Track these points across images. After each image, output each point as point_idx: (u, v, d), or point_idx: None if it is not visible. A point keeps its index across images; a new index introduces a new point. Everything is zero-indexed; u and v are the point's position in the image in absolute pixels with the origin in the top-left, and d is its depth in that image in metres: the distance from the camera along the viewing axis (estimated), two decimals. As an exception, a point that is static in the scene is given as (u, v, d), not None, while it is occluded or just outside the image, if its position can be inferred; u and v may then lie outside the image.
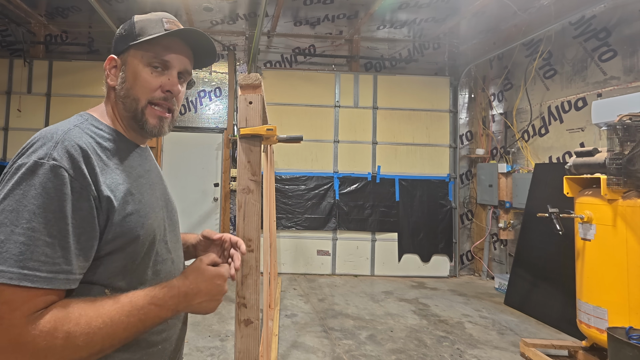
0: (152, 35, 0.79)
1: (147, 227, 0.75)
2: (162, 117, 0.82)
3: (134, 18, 0.84)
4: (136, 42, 0.80)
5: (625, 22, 3.80)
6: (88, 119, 0.78)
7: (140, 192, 0.78)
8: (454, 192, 5.73)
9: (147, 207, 0.77)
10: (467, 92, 6.04)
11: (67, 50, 5.84)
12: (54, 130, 0.69)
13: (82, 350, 0.61)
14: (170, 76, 0.81)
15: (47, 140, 0.67)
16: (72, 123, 0.74)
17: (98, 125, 0.78)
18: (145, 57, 0.80)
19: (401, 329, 3.62)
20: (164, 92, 0.81)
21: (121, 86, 0.81)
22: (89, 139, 0.72)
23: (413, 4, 5.10)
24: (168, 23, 0.82)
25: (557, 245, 3.83)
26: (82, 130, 0.73)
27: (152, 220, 0.78)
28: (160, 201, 0.86)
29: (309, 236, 5.57)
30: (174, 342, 0.85)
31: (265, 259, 2.74)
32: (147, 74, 0.80)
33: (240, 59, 5.89)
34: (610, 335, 2.30)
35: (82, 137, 0.71)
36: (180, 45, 0.83)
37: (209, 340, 3.24)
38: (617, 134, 2.56)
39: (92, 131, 0.75)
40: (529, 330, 3.67)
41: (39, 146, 0.66)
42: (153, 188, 0.84)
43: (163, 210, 0.86)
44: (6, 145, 5.50)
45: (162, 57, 0.80)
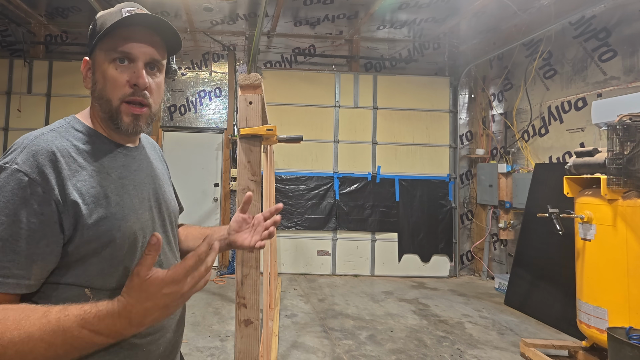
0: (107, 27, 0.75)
1: (125, 230, 0.73)
2: (136, 115, 0.78)
3: (97, 14, 0.81)
4: (96, 38, 0.76)
5: (625, 22, 3.80)
6: (70, 122, 0.78)
7: (120, 194, 0.75)
8: (454, 192, 5.73)
9: (126, 209, 0.75)
10: (467, 92, 6.04)
11: (67, 51, 5.84)
12: (28, 135, 0.70)
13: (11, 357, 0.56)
14: (135, 68, 0.76)
15: (18, 146, 0.68)
16: (50, 127, 0.75)
17: (78, 128, 0.77)
18: (108, 53, 0.76)
19: (401, 329, 3.62)
20: (131, 86, 0.76)
21: (94, 87, 0.79)
22: (65, 141, 0.71)
23: (413, 4, 5.09)
24: (128, 12, 0.76)
25: (557, 245, 3.83)
26: (59, 133, 0.72)
27: (132, 223, 0.75)
28: (148, 202, 0.83)
29: (309, 236, 5.57)
30: (163, 345, 0.81)
31: (265, 259, 2.74)
32: (113, 71, 0.76)
33: (240, 59, 5.89)
34: (610, 335, 2.30)
35: (55, 140, 0.70)
36: (142, 34, 0.77)
37: (209, 341, 3.24)
38: (617, 134, 2.56)
39: (70, 134, 0.74)
40: (529, 330, 3.67)
41: (11, 151, 0.67)
42: (139, 189, 0.81)
43: (150, 211, 0.83)
44: (6, 145, 5.50)
45: (122, 48, 0.75)
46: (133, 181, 0.81)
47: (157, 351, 0.79)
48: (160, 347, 0.80)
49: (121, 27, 0.75)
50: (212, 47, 5.86)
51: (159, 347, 0.80)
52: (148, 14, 0.77)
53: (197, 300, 4.21)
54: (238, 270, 1.18)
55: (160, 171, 0.93)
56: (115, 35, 0.75)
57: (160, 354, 0.80)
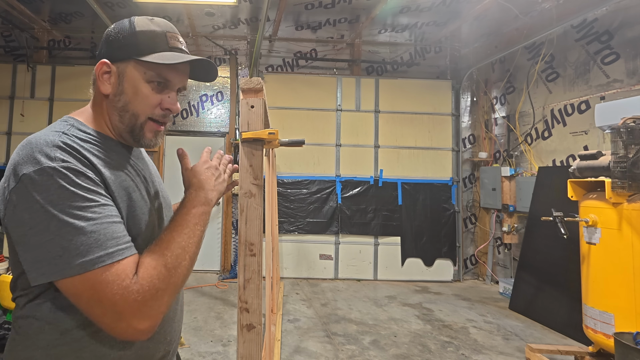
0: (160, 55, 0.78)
1: (148, 224, 0.81)
2: (157, 131, 0.84)
3: (134, 24, 0.81)
4: (144, 59, 0.78)
5: (627, 25, 3.79)
6: (73, 124, 0.78)
7: (136, 191, 0.81)
8: (457, 196, 5.71)
9: (144, 205, 0.82)
10: (469, 96, 6.03)
11: (70, 56, 5.87)
12: (45, 138, 0.70)
13: (181, 266, 0.72)
14: (170, 94, 0.83)
15: (44, 147, 0.68)
16: (59, 128, 0.75)
17: (85, 130, 0.78)
18: (147, 73, 0.79)
19: (405, 334, 3.59)
20: (163, 109, 0.82)
21: (118, 97, 0.80)
22: (80, 142, 0.74)
23: (414, 7, 5.10)
24: (172, 39, 0.82)
25: (561, 249, 3.80)
26: (72, 135, 0.74)
27: (151, 218, 0.83)
28: (155, 197, 0.90)
29: (312, 240, 5.55)
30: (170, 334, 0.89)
31: (267, 264, 2.72)
32: (148, 90, 0.80)
33: (242, 63, 5.91)
34: (617, 340, 2.27)
35: (74, 140, 0.73)
36: (184, 67, 0.84)
37: (211, 346, 3.22)
38: (621, 137, 2.54)
39: (78, 137, 0.75)
40: (534, 335, 3.63)
41: (40, 153, 0.67)
42: (147, 186, 0.88)
43: (159, 206, 0.91)
44: (9, 150, 5.53)
45: (165, 76, 0.81)
46: (142, 179, 0.87)
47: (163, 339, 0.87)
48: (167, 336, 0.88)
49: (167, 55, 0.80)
50: (214, 51, 5.88)
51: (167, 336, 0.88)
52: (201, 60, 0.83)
53: (199, 305, 4.20)
54: (240, 275, 1.16)
55: (155, 169, 1.01)
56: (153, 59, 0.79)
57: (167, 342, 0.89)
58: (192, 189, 0.84)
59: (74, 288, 0.64)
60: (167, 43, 0.80)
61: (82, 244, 0.64)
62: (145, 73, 0.79)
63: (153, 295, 0.67)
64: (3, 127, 5.54)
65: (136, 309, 0.65)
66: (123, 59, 0.79)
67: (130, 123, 0.80)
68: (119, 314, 0.64)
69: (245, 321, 1.15)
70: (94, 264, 0.64)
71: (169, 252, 0.72)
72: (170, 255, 0.71)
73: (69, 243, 0.63)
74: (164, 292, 0.69)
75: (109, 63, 0.79)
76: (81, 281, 0.64)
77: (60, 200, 0.64)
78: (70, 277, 0.63)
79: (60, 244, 0.63)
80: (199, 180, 0.86)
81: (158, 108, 0.81)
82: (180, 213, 0.79)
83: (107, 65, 0.79)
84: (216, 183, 0.89)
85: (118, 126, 0.82)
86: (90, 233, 0.64)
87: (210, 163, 0.91)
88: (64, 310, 0.71)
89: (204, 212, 0.81)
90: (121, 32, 0.80)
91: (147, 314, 0.66)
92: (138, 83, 0.79)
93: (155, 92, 0.81)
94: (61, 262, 0.63)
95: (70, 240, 0.63)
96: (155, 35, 0.80)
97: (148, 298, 0.66)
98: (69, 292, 0.66)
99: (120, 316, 0.65)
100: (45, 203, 0.64)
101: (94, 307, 0.65)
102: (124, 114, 0.80)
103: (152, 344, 0.82)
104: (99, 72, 0.80)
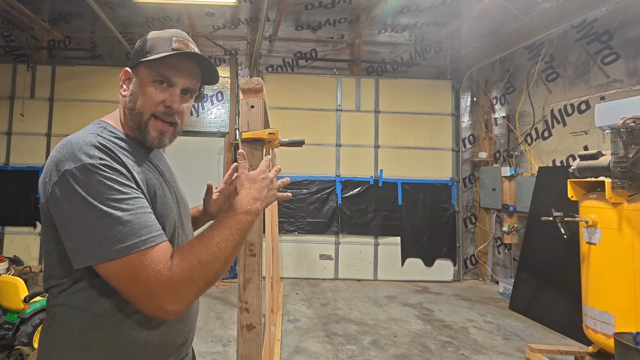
0: (158, 54, 0.86)
1: (171, 220, 0.88)
2: (162, 131, 0.90)
3: (147, 35, 0.91)
4: (145, 59, 0.86)
5: (627, 25, 3.79)
6: (106, 127, 0.87)
7: (161, 189, 0.88)
8: (457, 196, 5.70)
9: (168, 202, 0.89)
10: (469, 96, 6.03)
11: (70, 56, 5.87)
12: (83, 138, 0.78)
13: (214, 265, 0.76)
14: (172, 93, 0.88)
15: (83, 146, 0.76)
16: (92, 130, 0.84)
17: (115, 132, 0.87)
18: (151, 74, 0.87)
19: (405, 334, 3.59)
20: (165, 107, 0.88)
21: (129, 98, 0.89)
22: (111, 143, 0.82)
23: (414, 8, 5.10)
24: (177, 42, 0.88)
25: (562, 249, 3.80)
26: (103, 137, 0.82)
27: (173, 214, 0.90)
28: (174, 196, 0.96)
29: (312, 240, 5.55)
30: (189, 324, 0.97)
31: (267, 264, 2.72)
32: (152, 89, 0.87)
33: (242, 64, 5.91)
34: (617, 340, 2.27)
35: (107, 142, 0.81)
36: (186, 64, 0.90)
37: (211, 346, 3.22)
38: (621, 137, 2.54)
39: (111, 138, 0.83)
40: (534, 335, 3.63)
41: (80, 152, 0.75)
42: (169, 185, 0.95)
43: (176, 204, 0.96)
44: (9, 150, 5.52)
45: (166, 74, 0.87)
46: (165, 178, 0.94)
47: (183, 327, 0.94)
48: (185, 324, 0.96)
49: (168, 56, 0.87)
50: (214, 51, 5.88)
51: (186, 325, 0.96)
52: (194, 53, 0.89)
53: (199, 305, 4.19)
54: (240, 275, 1.16)
55: (173, 170, 1.08)
56: (161, 60, 0.86)
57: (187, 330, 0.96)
58: (245, 195, 0.89)
59: (114, 272, 0.71)
60: (170, 45, 0.87)
61: (119, 232, 0.71)
62: (150, 74, 0.87)
63: (183, 284, 0.73)
64: (3, 127, 5.53)
65: (167, 291, 0.71)
66: (135, 64, 0.89)
67: (137, 120, 0.88)
68: (153, 293, 0.71)
69: (245, 321, 1.15)
70: (131, 250, 0.70)
71: (205, 249, 0.76)
72: (206, 252, 0.76)
73: (108, 231, 0.70)
74: (193, 283, 0.74)
75: (129, 70, 0.91)
76: (120, 265, 0.71)
77: (98, 193, 0.72)
78: (110, 261, 0.70)
79: (99, 232, 0.70)
80: (253, 189, 0.90)
81: (161, 105, 0.88)
82: (227, 215, 0.84)
83: (127, 72, 0.91)
84: (268, 195, 0.92)
85: (130, 125, 0.90)
86: (126, 222, 0.71)
87: (267, 174, 0.94)
88: (96, 299, 0.78)
89: (249, 221, 0.85)
90: (139, 43, 0.91)
91: (175, 298, 0.72)
92: (145, 84, 0.87)
93: (159, 91, 0.87)
94: (101, 249, 0.70)
95: (109, 229, 0.70)
96: (160, 40, 0.89)
97: (178, 285, 0.72)
98: (109, 275, 0.72)
99: (153, 296, 0.71)
100: (86, 195, 0.71)
101: (132, 287, 0.72)
102: (132, 112, 0.88)
103: (173, 331, 0.89)
104: (121, 78, 0.92)
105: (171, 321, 0.88)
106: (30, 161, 5.48)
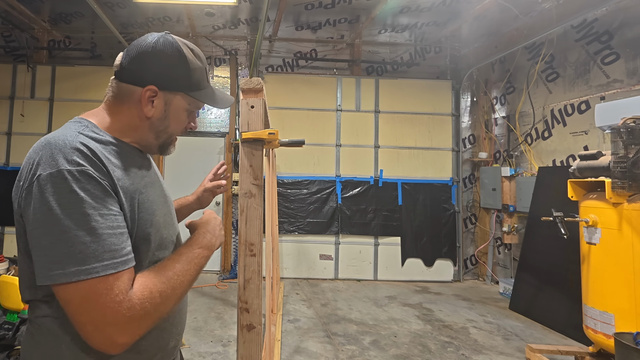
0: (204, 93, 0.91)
1: (155, 223, 0.84)
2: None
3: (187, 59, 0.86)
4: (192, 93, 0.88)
5: (627, 25, 3.79)
6: (88, 126, 0.80)
7: (147, 192, 0.85)
8: (457, 196, 5.70)
9: (154, 205, 0.86)
10: (469, 96, 6.03)
11: (70, 56, 5.87)
12: (64, 139, 0.72)
13: (172, 299, 0.76)
14: (195, 119, 0.96)
15: (63, 149, 0.70)
16: (75, 129, 0.77)
17: (98, 133, 0.80)
18: (192, 105, 0.91)
19: (405, 334, 3.59)
20: (187, 130, 0.96)
21: (161, 121, 0.87)
22: (96, 144, 0.76)
23: (414, 8, 5.10)
24: (208, 73, 0.96)
25: (562, 249, 3.80)
26: (88, 137, 0.77)
27: (159, 217, 0.87)
28: (162, 197, 0.94)
29: (312, 240, 5.55)
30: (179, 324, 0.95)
31: (267, 264, 2.72)
32: (185, 117, 0.91)
33: (242, 64, 5.91)
34: (617, 340, 2.27)
35: (91, 143, 0.75)
36: None
37: (211, 346, 3.22)
38: (621, 137, 2.54)
39: (95, 138, 0.78)
40: (534, 335, 3.63)
41: (59, 154, 0.69)
42: (156, 186, 0.92)
43: (165, 205, 0.94)
44: (9, 150, 5.52)
45: (200, 108, 0.96)
46: (152, 180, 0.91)
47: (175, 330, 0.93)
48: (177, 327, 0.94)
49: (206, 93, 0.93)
50: (214, 51, 5.88)
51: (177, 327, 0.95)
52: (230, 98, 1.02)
53: (199, 305, 4.20)
54: (240, 275, 1.16)
55: (158, 171, 1.05)
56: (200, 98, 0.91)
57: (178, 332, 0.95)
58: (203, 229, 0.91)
59: (65, 294, 0.66)
60: (207, 79, 0.92)
61: (80, 252, 0.65)
62: (190, 104, 0.90)
63: (142, 316, 0.69)
64: (3, 127, 5.54)
65: (123, 323, 0.67)
66: (173, 89, 0.86)
67: (165, 141, 0.92)
68: (105, 324, 0.66)
69: (245, 321, 1.15)
70: (89, 274, 0.65)
71: (168, 281, 0.75)
72: (168, 285, 0.75)
73: (69, 249, 0.65)
74: (150, 316, 0.71)
75: (158, 90, 0.84)
76: (74, 289, 0.65)
77: (69, 204, 0.66)
78: (63, 284, 0.65)
79: (60, 249, 0.65)
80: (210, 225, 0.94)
81: (184, 128, 0.94)
82: (188, 248, 0.85)
83: (155, 91, 0.84)
84: (220, 234, 0.96)
85: (151, 142, 0.90)
86: (89, 243, 0.66)
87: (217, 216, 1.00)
88: None
89: (206, 256, 0.87)
90: (172, 64, 0.84)
91: (129, 331, 0.68)
92: (181, 111, 0.89)
93: (188, 118, 0.93)
94: (57, 268, 0.65)
95: (70, 247, 0.65)
96: (201, 72, 0.90)
97: (136, 317, 0.68)
98: (59, 297, 0.67)
99: (105, 327, 0.66)
100: (55, 206, 0.66)
101: (80, 314, 0.67)
102: (162, 134, 0.90)
103: (166, 335, 0.88)
104: (145, 96, 0.83)
105: (165, 325, 0.87)
106: (30, 161, 5.47)
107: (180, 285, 0.78)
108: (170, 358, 0.93)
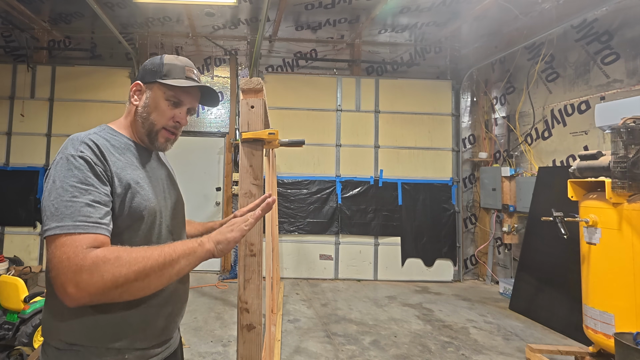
0: (176, 80, 1.04)
1: (150, 209, 0.98)
2: (168, 138, 1.09)
3: (163, 58, 1.08)
4: (163, 81, 1.04)
5: (627, 25, 3.79)
6: (105, 129, 1.04)
7: (147, 183, 1.01)
8: (457, 196, 5.70)
9: (150, 194, 1.00)
10: (469, 96, 6.03)
11: (70, 56, 5.87)
12: (79, 135, 0.95)
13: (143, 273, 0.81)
14: (181, 111, 1.08)
15: (75, 141, 0.92)
16: (93, 131, 1.01)
17: (112, 133, 1.04)
18: (166, 94, 1.05)
19: (405, 334, 3.59)
20: (174, 122, 1.07)
21: (143, 109, 1.06)
22: (105, 141, 0.98)
23: (414, 8, 5.11)
24: (188, 72, 1.08)
25: (562, 249, 3.80)
26: (100, 135, 0.99)
27: (155, 205, 1.00)
28: (163, 192, 1.08)
29: (312, 240, 5.55)
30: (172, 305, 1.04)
31: (267, 264, 2.72)
32: (165, 106, 1.06)
33: (242, 64, 5.91)
34: (617, 340, 2.27)
35: (99, 139, 0.96)
36: (194, 91, 1.10)
37: (211, 346, 3.22)
38: (621, 137, 2.54)
39: (106, 137, 1.00)
40: (534, 335, 3.63)
41: (71, 145, 0.91)
42: (158, 181, 1.08)
43: (165, 200, 1.08)
44: (9, 150, 5.52)
45: (179, 97, 1.06)
46: (154, 175, 1.08)
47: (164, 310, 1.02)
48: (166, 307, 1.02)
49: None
50: (214, 51, 5.88)
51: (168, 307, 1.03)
52: (205, 86, 1.11)
53: (199, 305, 4.20)
54: (240, 275, 1.16)
55: (168, 171, 1.20)
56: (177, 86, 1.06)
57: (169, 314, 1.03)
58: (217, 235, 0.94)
59: (48, 246, 0.82)
60: (184, 74, 1.07)
61: (61, 213, 0.82)
62: (165, 93, 1.05)
63: (88, 270, 0.78)
64: (3, 127, 5.53)
65: (70, 273, 0.78)
66: (151, 81, 1.06)
67: (148, 129, 1.06)
68: (59, 272, 0.78)
69: (245, 321, 1.15)
70: (62, 229, 0.80)
71: (145, 255, 0.83)
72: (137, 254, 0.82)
73: (54, 210, 0.82)
74: (99, 273, 0.78)
75: (141, 84, 1.07)
76: (51, 242, 0.81)
77: (64, 177, 0.85)
78: (47, 237, 0.81)
79: (50, 209, 0.83)
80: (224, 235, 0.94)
81: (171, 120, 1.07)
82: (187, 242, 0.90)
83: (139, 85, 1.07)
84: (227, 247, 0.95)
85: (139, 131, 1.07)
86: (69, 206, 0.82)
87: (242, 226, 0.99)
88: None
89: (199, 256, 0.89)
90: (153, 63, 1.08)
91: (74, 282, 0.77)
92: (159, 100, 1.05)
93: (171, 108, 1.06)
94: (46, 224, 0.82)
95: (56, 208, 0.82)
96: (176, 67, 1.07)
97: (84, 269, 0.78)
98: (46, 250, 0.83)
99: (59, 275, 0.78)
100: (56, 178, 0.85)
101: (50, 262, 0.81)
102: (145, 121, 1.06)
103: (152, 311, 0.97)
104: (132, 90, 1.07)
105: (151, 301, 0.96)
106: (30, 161, 5.48)
107: (158, 264, 0.82)
108: (161, 340, 1.01)
